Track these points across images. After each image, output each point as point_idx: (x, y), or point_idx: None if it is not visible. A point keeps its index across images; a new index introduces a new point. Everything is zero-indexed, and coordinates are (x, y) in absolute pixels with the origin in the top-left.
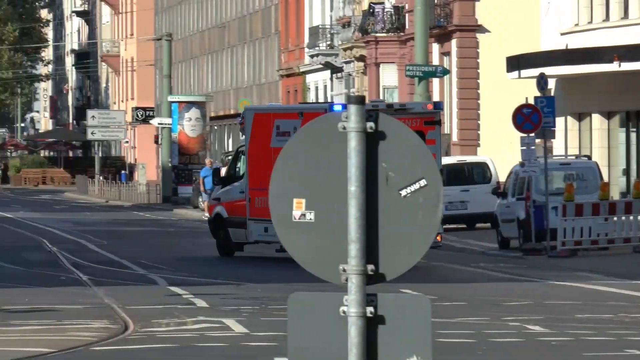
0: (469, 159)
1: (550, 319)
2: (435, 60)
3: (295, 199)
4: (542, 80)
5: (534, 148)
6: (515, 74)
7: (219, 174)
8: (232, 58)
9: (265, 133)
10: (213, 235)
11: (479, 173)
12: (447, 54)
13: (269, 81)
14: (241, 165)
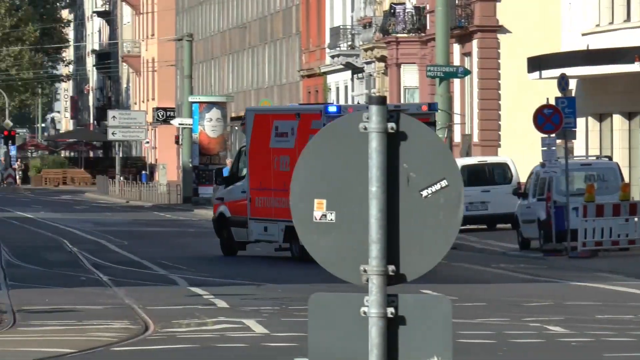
0: (490, 159)
1: (570, 319)
2: (456, 61)
3: (316, 199)
4: (563, 81)
5: (555, 149)
6: (536, 74)
7: (221, 174)
8: (253, 58)
9: (265, 134)
10: (217, 234)
11: (499, 174)
12: (468, 54)
13: (290, 82)
14: (242, 165)
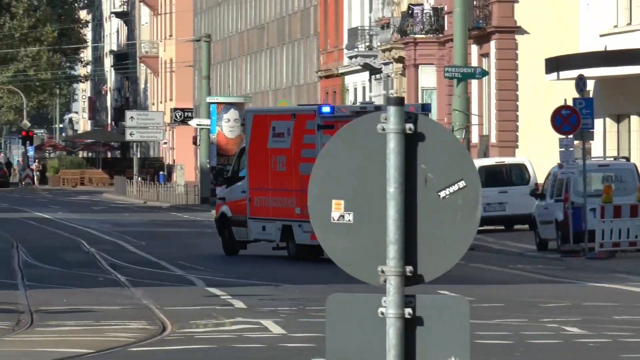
0: (508, 160)
1: (588, 320)
2: (474, 62)
3: (334, 200)
4: (581, 82)
5: (573, 150)
6: (554, 75)
7: (222, 174)
8: (271, 59)
9: (263, 134)
10: (219, 234)
11: (517, 174)
12: (486, 55)
13: (308, 82)
14: (243, 165)
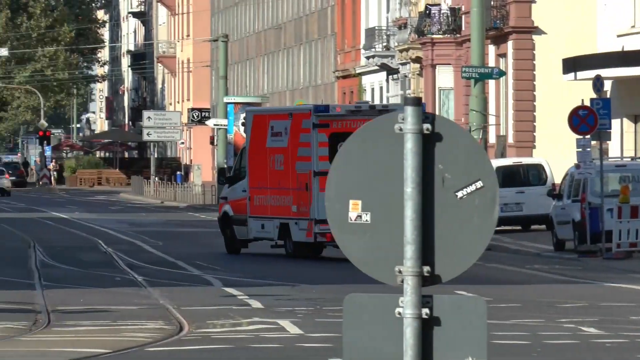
0: (525, 160)
1: (605, 320)
2: (491, 62)
3: (351, 200)
4: (598, 82)
5: (590, 150)
6: (571, 75)
7: (224, 173)
8: (288, 59)
9: (262, 134)
10: (222, 233)
11: (534, 175)
12: (503, 55)
13: (325, 82)
14: (244, 164)
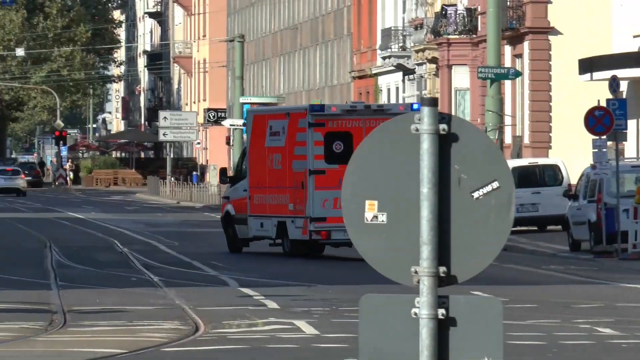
0: (541, 161)
1: (621, 321)
2: (508, 63)
3: (367, 200)
4: (614, 83)
5: (606, 150)
6: (587, 76)
7: (225, 173)
8: (304, 59)
9: (262, 134)
10: (225, 232)
11: (550, 175)
12: (519, 56)
13: (341, 83)
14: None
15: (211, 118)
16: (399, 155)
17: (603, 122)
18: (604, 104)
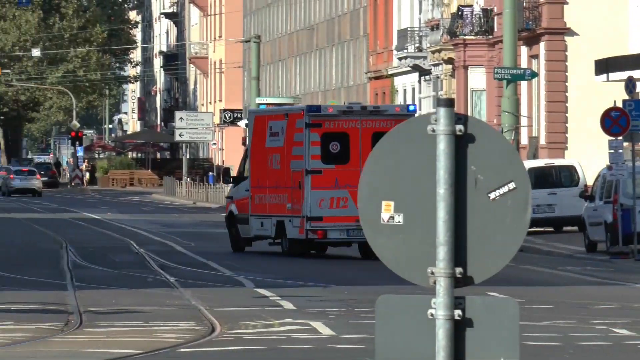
0: (557, 162)
1: (637, 322)
2: (524, 63)
3: (384, 201)
4: (631, 84)
5: (622, 151)
6: (603, 77)
7: (228, 173)
8: (321, 60)
9: (263, 134)
10: (228, 231)
11: (566, 176)
12: (536, 56)
13: (357, 83)
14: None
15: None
16: (416, 156)
17: (619, 123)
18: (620, 104)
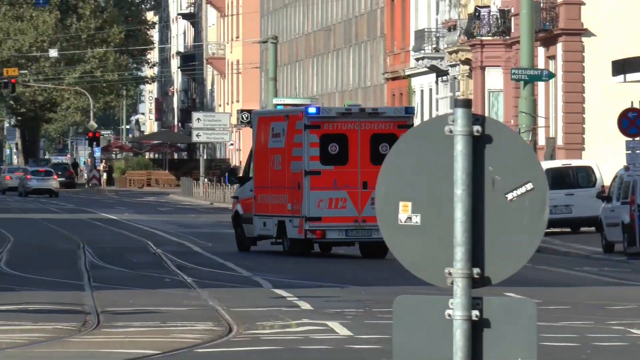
0: (574, 162)
1: None
2: (541, 64)
3: (401, 202)
4: None
5: (639, 152)
6: (620, 77)
7: (235, 173)
8: (338, 61)
9: (265, 135)
10: (235, 230)
11: (583, 177)
12: (553, 57)
13: (374, 84)
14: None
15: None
16: (433, 157)
17: (636, 124)
18: (637, 105)
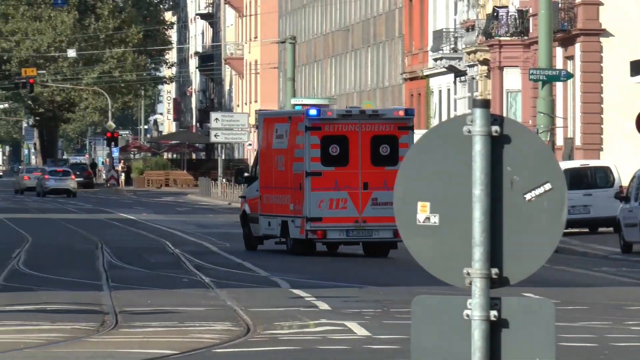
0: (592, 163)
1: None
2: (559, 64)
3: (420, 202)
4: None
5: None
6: (638, 78)
7: (242, 173)
8: (356, 61)
9: (270, 136)
10: (243, 230)
11: (602, 177)
12: (571, 57)
13: (393, 84)
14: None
15: None
16: (451, 157)
17: None
18: None
